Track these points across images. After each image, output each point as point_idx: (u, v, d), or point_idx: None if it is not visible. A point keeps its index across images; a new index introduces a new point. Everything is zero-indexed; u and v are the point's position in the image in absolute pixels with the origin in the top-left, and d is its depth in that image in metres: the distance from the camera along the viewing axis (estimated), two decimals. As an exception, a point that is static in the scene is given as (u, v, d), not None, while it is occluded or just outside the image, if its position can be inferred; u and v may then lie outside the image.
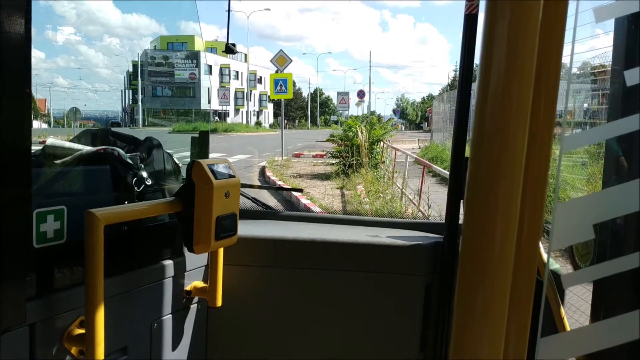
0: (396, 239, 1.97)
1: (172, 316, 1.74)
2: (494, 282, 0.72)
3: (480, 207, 0.73)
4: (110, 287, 1.43)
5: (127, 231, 1.57)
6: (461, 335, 0.74)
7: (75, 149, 1.70)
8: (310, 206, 9.40)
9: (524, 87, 0.72)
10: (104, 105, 18.98)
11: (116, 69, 19.30)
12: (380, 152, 15.27)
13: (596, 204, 0.77)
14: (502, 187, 0.71)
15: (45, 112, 19.37)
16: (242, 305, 1.94)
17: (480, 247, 0.73)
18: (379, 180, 12.13)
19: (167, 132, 5.16)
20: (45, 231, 1.30)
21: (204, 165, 1.55)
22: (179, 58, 22.31)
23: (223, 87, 54.96)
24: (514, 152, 0.72)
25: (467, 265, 0.74)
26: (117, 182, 1.67)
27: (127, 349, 1.57)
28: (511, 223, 0.72)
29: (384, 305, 1.93)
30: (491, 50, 0.72)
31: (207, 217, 1.54)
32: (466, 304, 0.74)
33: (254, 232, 1.97)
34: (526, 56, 0.72)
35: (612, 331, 0.76)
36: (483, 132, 0.72)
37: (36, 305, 1.28)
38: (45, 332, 1.30)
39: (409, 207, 9.36)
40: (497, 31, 0.71)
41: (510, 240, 0.72)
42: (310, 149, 23.95)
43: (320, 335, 1.95)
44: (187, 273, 1.79)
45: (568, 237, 0.78)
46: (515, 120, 0.72)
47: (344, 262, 1.93)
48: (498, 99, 0.72)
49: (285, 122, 52.13)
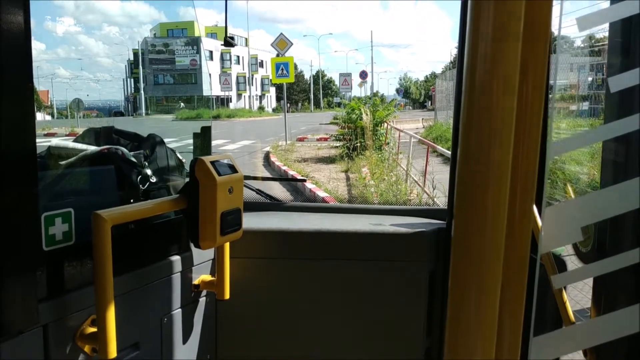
0: (399, 226, 1.99)
1: (182, 310, 1.77)
2: (485, 261, 0.74)
3: (471, 193, 0.75)
4: (120, 285, 1.46)
5: (134, 229, 1.59)
6: (455, 327, 0.76)
7: (80, 149, 1.72)
8: (316, 191, 9.43)
9: (510, 63, 0.73)
10: (106, 95, 18.97)
11: (117, 57, 19.18)
12: (384, 133, 15.23)
13: (584, 207, 0.79)
14: (492, 164, 0.73)
15: (48, 104, 19.36)
16: (249, 297, 1.97)
17: (471, 231, 0.74)
18: (384, 162, 12.12)
19: (170, 120, 5.14)
20: (54, 234, 1.32)
21: (206, 162, 1.56)
22: (180, 45, 22.19)
23: (224, 72, 54.70)
24: (502, 130, 0.73)
25: (459, 249, 0.75)
26: (122, 182, 1.69)
27: (139, 344, 1.60)
28: (502, 199, 0.74)
29: (390, 293, 1.96)
30: (478, 25, 0.73)
31: (211, 213, 1.56)
32: (459, 286, 0.76)
33: (259, 224, 2.00)
34: (512, 30, 0.73)
35: (606, 327, 0.77)
36: (472, 110, 0.74)
37: (48, 306, 1.31)
38: (58, 331, 1.34)
39: (414, 189, 9.38)
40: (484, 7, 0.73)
41: (501, 224, 0.74)
42: (314, 132, 23.90)
43: (328, 324, 1.99)
44: (195, 267, 1.82)
45: (557, 240, 0.79)
46: (502, 98, 0.73)
47: (348, 251, 1.95)
48: (486, 77, 0.73)
49: (288, 105, 52.02)
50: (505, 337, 0.78)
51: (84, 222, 1.36)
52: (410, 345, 1.96)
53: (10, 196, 1.15)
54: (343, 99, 23.64)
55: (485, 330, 0.75)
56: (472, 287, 0.75)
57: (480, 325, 0.75)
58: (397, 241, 1.94)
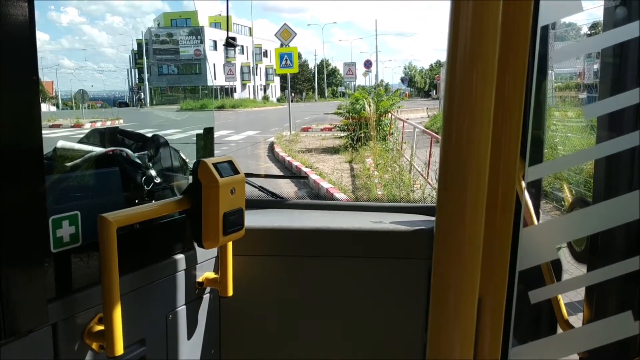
0: (399, 224, 2.02)
1: (186, 307, 1.82)
2: (463, 259, 0.77)
3: (452, 186, 0.78)
4: (126, 283, 1.50)
5: (139, 230, 1.63)
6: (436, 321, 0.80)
7: (86, 150, 1.76)
8: (320, 182, 9.47)
9: (489, 56, 0.76)
10: (110, 85, 19.20)
11: (121, 48, 19.03)
12: (389, 123, 15.21)
13: (559, 228, 0.82)
14: (471, 157, 0.76)
15: (53, 95, 19.40)
16: (252, 294, 2.02)
17: (451, 228, 0.77)
18: (388, 153, 12.13)
19: (175, 110, 5.14)
20: (62, 236, 1.36)
21: (209, 164, 1.60)
22: (183, 34, 22.06)
23: (229, 62, 54.56)
24: (480, 126, 0.76)
25: (440, 245, 0.78)
26: (127, 183, 1.73)
27: (145, 340, 1.65)
28: (480, 194, 0.77)
29: (390, 289, 2.00)
30: (458, 19, 0.76)
31: (214, 214, 1.60)
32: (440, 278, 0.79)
33: (261, 222, 2.04)
34: (491, 23, 0.76)
35: (587, 336, 0.81)
36: (453, 104, 0.77)
37: (57, 305, 1.35)
38: (66, 330, 1.38)
39: (417, 180, 9.40)
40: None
41: (479, 220, 0.77)
42: (318, 122, 23.88)
43: (329, 320, 2.03)
44: (198, 265, 1.87)
45: (532, 259, 0.82)
46: (481, 92, 0.76)
47: (349, 248, 1.99)
48: (466, 70, 0.76)
49: (293, 95, 51.80)
50: (486, 337, 0.82)
51: (90, 223, 1.40)
52: (410, 341, 2.00)
53: (19, 199, 1.19)
54: (347, 89, 23.56)
55: (463, 330, 0.78)
56: (451, 286, 0.79)
57: (458, 325, 0.78)
58: (398, 238, 1.98)
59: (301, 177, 9.29)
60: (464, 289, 0.78)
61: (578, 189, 4.91)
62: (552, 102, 7.74)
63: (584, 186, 4.73)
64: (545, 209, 5.50)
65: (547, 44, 1.70)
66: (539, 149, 1.82)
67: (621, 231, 1.37)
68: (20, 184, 1.18)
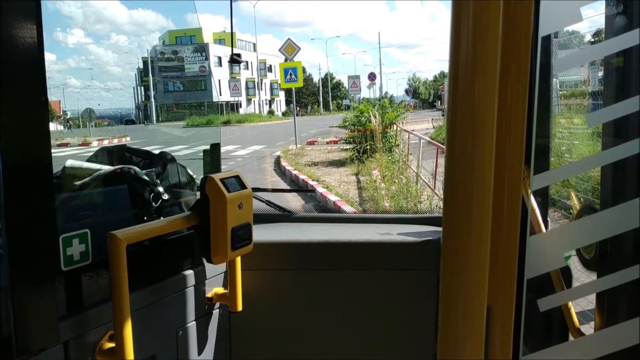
0: (407, 235, 2.02)
1: (196, 323, 1.82)
2: (471, 267, 0.77)
3: (458, 198, 0.78)
4: (136, 300, 1.51)
5: (149, 246, 1.64)
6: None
7: (94, 168, 1.78)
8: (327, 195, 9.47)
9: (490, 62, 0.76)
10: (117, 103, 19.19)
11: (127, 66, 19.24)
12: (394, 135, 15.23)
13: (567, 235, 0.82)
14: (475, 164, 0.76)
15: (60, 114, 19.66)
16: (262, 308, 2.02)
17: (458, 235, 0.78)
18: (394, 164, 12.13)
19: (181, 127, 5.18)
20: (72, 254, 1.38)
21: (216, 179, 1.61)
22: (188, 52, 22.23)
23: (234, 78, 54.96)
24: (484, 131, 0.76)
25: (447, 253, 0.79)
26: (135, 200, 1.74)
27: (156, 356, 1.65)
28: (486, 201, 0.77)
29: (400, 301, 1.99)
30: (459, 26, 0.77)
31: (222, 229, 1.61)
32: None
33: (269, 236, 2.04)
34: (492, 30, 0.76)
35: (594, 344, 0.81)
36: (456, 111, 0.77)
37: (68, 323, 1.36)
38: (78, 348, 1.39)
39: (424, 191, 9.38)
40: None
41: (486, 226, 0.77)
42: (324, 136, 23.94)
43: (339, 332, 2.02)
44: (208, 280, 1.87)
45: (541, 267, 0.83)
46: (483, 98, 0.76)
47: (357, 261, 1.99)
48: (468, 77, 0.77)
49: (298, 109, 52.03)
50: (496, 346, 0.82)
51: (100, 240, 1.42)
52: (420, 351, 1.99)
53: (29, 218, 1.20)
54: (352, 102, 23.64)
55: (473, 339, 0.78)
56: (460, 296, 0.79)
57: (468, 334, 0.79)
58: (406, 250, 1.98)
59: (308, 191, 9.31)
60: (473, 298, 0.78)
61: (586, 196, 4.89)
62: (557, 110, 7.74)
63: (592, 194, 4.71)
64: (553, 217, 5.47)
65: (550, 52, 1.71)
66: (545, 157, 1.82)
67: (629, 237, 1.37)
68: (30, 203, 1.20)
